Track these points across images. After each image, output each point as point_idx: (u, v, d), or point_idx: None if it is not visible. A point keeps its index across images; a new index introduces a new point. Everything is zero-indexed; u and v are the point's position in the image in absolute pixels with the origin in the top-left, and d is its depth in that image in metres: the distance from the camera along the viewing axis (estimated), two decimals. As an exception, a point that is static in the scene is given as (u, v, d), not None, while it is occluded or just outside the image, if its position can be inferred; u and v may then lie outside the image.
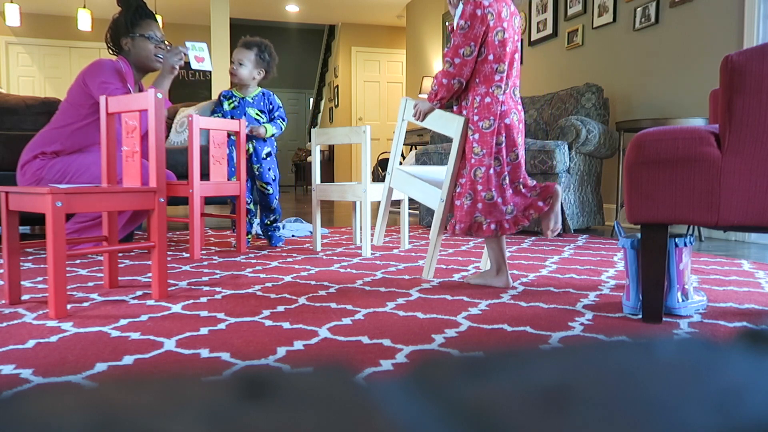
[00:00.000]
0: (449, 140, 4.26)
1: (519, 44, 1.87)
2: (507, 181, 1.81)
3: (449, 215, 1.93)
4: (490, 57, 1.77)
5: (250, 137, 2.76)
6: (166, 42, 2.67)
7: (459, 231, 1.81)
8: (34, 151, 2.56)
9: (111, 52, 2.63)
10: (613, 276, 2.05)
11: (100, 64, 2.51)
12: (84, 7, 7.24)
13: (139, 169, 1.78)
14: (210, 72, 8.65)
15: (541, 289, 1.81)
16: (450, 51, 1.78)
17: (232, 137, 2.81)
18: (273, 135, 2.80)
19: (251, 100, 2.80)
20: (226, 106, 2.80)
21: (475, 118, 1.80)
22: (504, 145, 1.80)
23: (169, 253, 2.63)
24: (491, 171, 1.79)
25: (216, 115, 2.79)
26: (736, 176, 1.30)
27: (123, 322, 1.42)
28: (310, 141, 8.60)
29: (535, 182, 1.86)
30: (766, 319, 1.48)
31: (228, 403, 0.17)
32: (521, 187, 1.84)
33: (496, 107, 1.78)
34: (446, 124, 1.90)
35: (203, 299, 1.67)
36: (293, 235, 3.34)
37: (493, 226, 1.78)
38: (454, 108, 1.91)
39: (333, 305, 1.59)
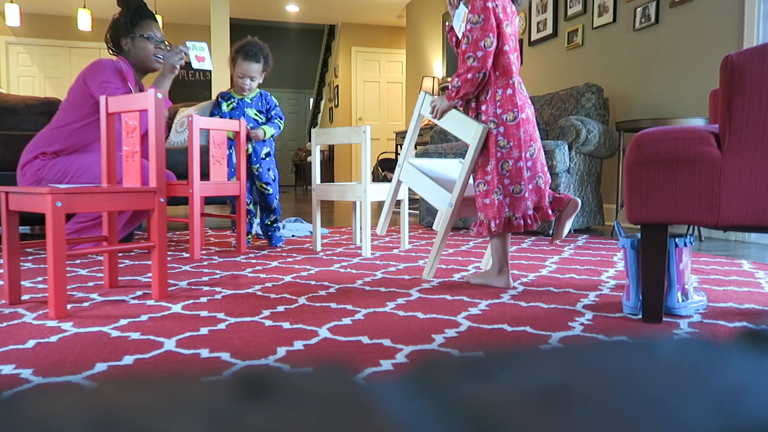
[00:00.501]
0: (449, 140, 4.26)
1: (518, 44, 1.88)
2: (528, 174, 1.81)
3: (469, 218, 1.92)
4: (506, 48, 1.79)
5: (248, 138, 2.76)
6: (166, 42, 2.67)
7: (496, 228, 1.79)
8: (34, 151, 2.56)
9: (111, 52, 2.63)
10: (613, 276, 2.05)
11: (101, 63, 2.51)
12: (84, 7, 7.24)
13: (139, 169, 1.78)
14: (210, 72, 8.65)
15: (541, 289, 1.81)
16: (470, 46, 1.77)
17: (231, 138, 2.81)
18: (272, 136, 2.80)
19: (250, 101, 2.80)
20: (224, 107, 2.80)
21: (499, 111, 1.79)
22: (523, 139, 1.80)
23: (169, 253, 2.63)
24: (520, 163, 1.79)
25: (214, 116, 2.78)
26: (736, 176, 1.30)
27: (123, 322, 1.42)
28: (310, 141, 8.60)
29: (550, 185, 1.87)
30: (766, 319, 1.48)
31: (228, 403, 0.17)
32: (541, 182, 1.84)
33: (517, 98, 1.79)
34: (464, 128, 1.85)
35: (203, 299, 1.67)
36: (293, 235, 3.34)
37: (522, 221, 1.79)
38: (473, 104, 1.88)
39: (333, 305, 1.59)
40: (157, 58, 2.62)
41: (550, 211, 1.83)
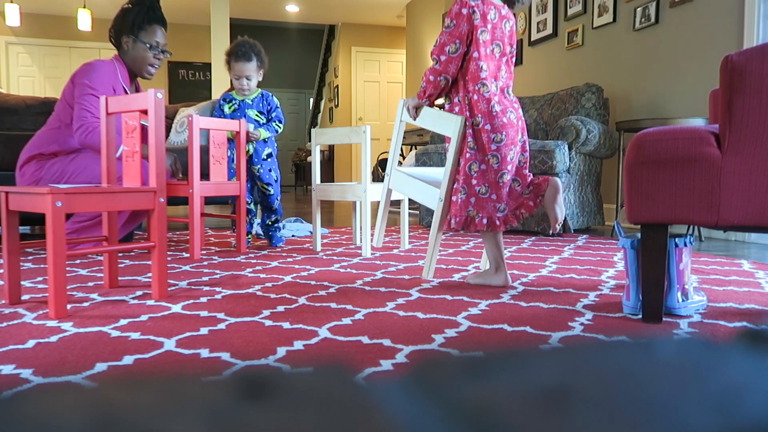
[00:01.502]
0: (449, 140, 4.26)
1: (510, 48, 1.90)
2: (505, 178, 1.83)
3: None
4: (475, 54, 1.81)
5: (249, 139, 2.76)
6: (166, 51, 2.66)
7: (455, 225, 1.84)
8: (32, 152, 2.56)
9: (112, 43, 2.63)
10: (613, 276, 2.05)
11: (93, 66, 2.50)
12: (84, 7, 7.24)
13: (139, 169, 1.78)
14: (209, 71, 8.64)
15: (541, 289, 1.81)
16: (436, 49, 1.83)
17: (231, 139, 2.80)
18: (267, 138, 2.80)
19: (251, 102, 2.80)
20: (226, 109, 2.80)
21: (467, 114, 1.84)
22: (503, 143, 1.81)
23: (169, 253, 2.63)
24: (484, 166, 1.83)
25: (216, 117, 2.78)
26: (736, 176, 1.30)
27: (123, 322, 1.42)
28: (310, 141, 8.59)
29: (531, 178, 1.88)
30: (766, 319, 1.48)
31: (228, 403, 0.17)
32: (517, 185, 1.87)
33: (482, 105, 1.81)
34: (444, 124, 1.91)
35: (203, 299, 1.67)
36: (293, 235, 3.34)
37: (485, 221, 1.81)
38: (447, 106, 1.93)
39: (333, 305, 1.59)
40: (151, 68, 2.62)
41: (530, 203, 1.85)
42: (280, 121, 2.84)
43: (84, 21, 7.11)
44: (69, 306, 1.58)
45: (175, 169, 2.66)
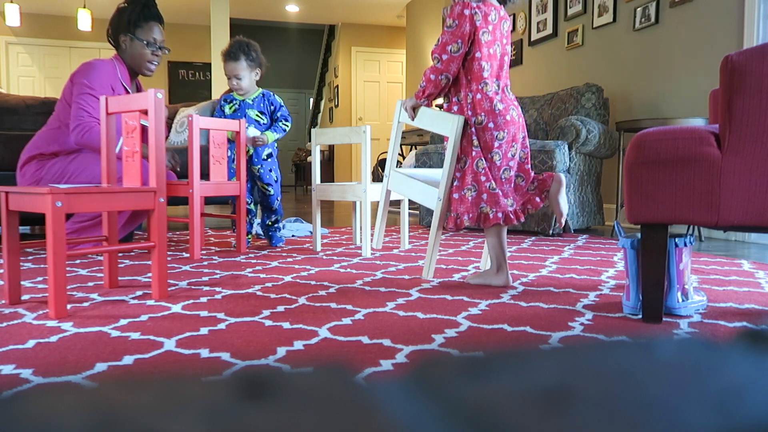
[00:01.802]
0: (449, 140, 4.26)
1: (508, 48, 1.93)
2: (506, 174, 1.87)
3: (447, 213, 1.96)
4: (478, 54, 1.83)
5: (257, 144, 2.75)
6: (164, 48, 2.66)
7: (468, 221, 1.84)
8: (32, 152, 2.56)
9: (110, 43, 2.63)
10: (613, 276, 2.05)
11: (92, 65, 2.50)
12: (84, 7, 7.24)
13: (139, 169, 1.78)
14: (209, 71, 8.64)
15: (541, 289, 1.81)
16: (438, 48, 1.84)
17: (231, 140, 2.80)
18: (276, 140, 2.80)
19: (251, 102, 2.80)
20: (227, 110, 2.80)
21: (470, 113, 1.86)
22: (505, 140, 1.84)
23: (169, 253, 2.63)
24: (488, 163, 1.85)
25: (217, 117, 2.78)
26: (736, 176, 1.30)
27: (123, 322, 1.42)
28: (310, 141, 8.59)
29: (534, 175, 1.90)
30: (766, 319, 1.48)
31: (228, 403, 0.17)
32: (521, 181, 1.89)
33: (486, 103, 1.83)
34: (442, 123, 1.91)
35: (203, 299, 1.67)
36: (293, 235, 3.34)
37: (500, 214, 1.82)
38: (445, 106, 1.95)
39: (333, 305, 1.59)
40: (150, 65, 2.63)
41: (537, 199, 1.87)
42: (287, 120, 2.83)
43: (84, 21, 7.11)
44: (69, 306, 1.58)
45: (174, 162, 2.66)
